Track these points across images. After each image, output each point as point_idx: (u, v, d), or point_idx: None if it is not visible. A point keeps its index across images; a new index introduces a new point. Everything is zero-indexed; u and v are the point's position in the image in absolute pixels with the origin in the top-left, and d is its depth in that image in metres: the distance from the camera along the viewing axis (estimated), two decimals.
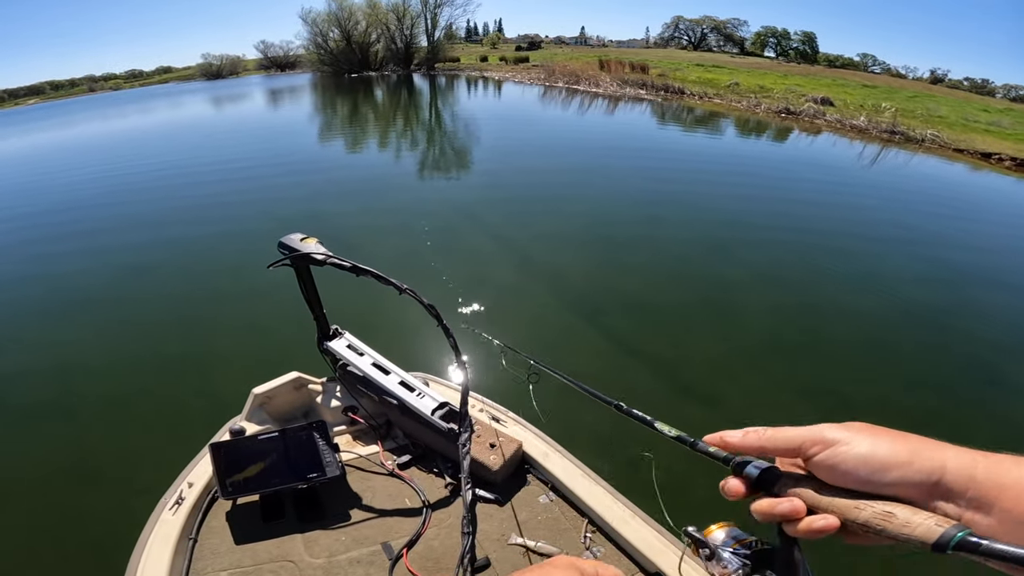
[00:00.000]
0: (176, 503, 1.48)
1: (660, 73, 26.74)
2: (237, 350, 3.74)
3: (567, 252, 5.44)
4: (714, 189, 8.16)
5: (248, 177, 8.95)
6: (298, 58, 54.57)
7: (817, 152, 12.58)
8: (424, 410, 1.69)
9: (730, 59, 45.27)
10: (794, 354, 3.85)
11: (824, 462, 0.44)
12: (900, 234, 6.62)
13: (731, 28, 64.02)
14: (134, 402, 3.23)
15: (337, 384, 1.95)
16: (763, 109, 17.77)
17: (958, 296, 5.02)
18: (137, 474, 2.56)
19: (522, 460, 1.71)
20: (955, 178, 11.11)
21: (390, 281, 1.52)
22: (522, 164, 9.65)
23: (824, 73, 34.99)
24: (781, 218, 6.79)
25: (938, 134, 13.80)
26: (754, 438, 0.49)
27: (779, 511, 0.45)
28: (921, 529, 0.37)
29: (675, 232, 6.14)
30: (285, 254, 1.61)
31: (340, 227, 6.20)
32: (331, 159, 10.92)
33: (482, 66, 42.54)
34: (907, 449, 0.41)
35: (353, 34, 43.24)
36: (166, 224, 6.69)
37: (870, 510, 0.40)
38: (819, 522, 0.42)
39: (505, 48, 62.15)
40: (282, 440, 1.58)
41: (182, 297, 4.65)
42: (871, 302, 4.70)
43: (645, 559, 1.38)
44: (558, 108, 18.65)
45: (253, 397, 1.78)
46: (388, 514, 1.56)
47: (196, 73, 62.54)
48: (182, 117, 22.57)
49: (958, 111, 18.54)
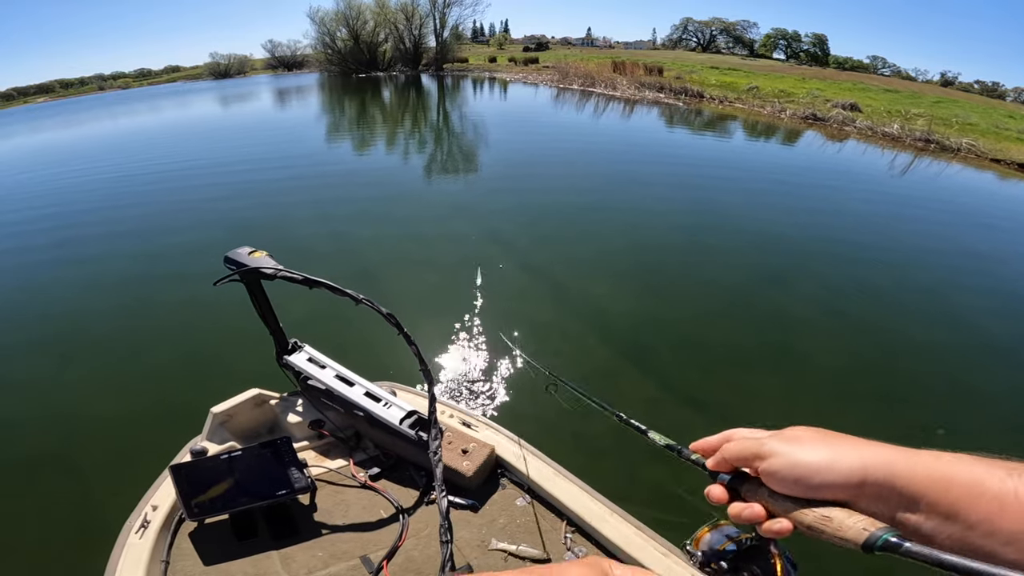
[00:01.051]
0: (142, 526, 1.44)
1: (676, 76, 26.27)
2: (192, 369, 3.56)
3: (604, 278, 4.99)
4: (754, 199, 7.73)
5: (216, 183, 8.56)
6: (305, 58, 54.68)
7: (850, 161, 12.08)
8: (392, 420, 1.68)
9: (741, 61, 44.77)
10: (868, 404, 3.41)
11: (764, 473, 0.47)
12: (969, 262, 6.12)
13: (740, 30, 63.50)
14: (84, 428, 3.07)
15: (300, 398, 1.93)
16: (788, 115, 17.25)
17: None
18: (96, 501, 2.49)
19: (496, 464, 1.70)
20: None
21: (346, 292, 1.48)
22: (545, 172, 9.20)
23: (841, 77, 34.44)
24: (835, 239, 6.31)
25: (974, 143, 13.28)
26: (718, 452, 0.53)
27: (744, 516, 0.48)
28: (852, 532, 0.40)
29: (722, 256, 5.63)
30: (232, 269, 1.57)
31: (354, 244, 5.82)
32: (338, 168, 10.34)
33: (491, 67, 42.14)
34: (827, 453, 0.44)
35: (361, 34, 42.96)
36: (116, 235, 6.29)
37: (812, 515, 0.43)
38: (776, 526, 0.45)
39: (512, 49, 61.82)
40: (245, 458, 1.54)
41: (134, 313, 4.35)
42: (948, 336, 4.27)
43: (627, 556, 1.39)
44: (576, 111, 18.17)
45: (212, 416, 1.74)
46: (364, 527, 1.54)
47: (204, 72, 62.85)
48: (184, 117, 22.23)
49: (988, 119, 18.01)
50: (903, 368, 3.79)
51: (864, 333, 4.23)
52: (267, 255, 1.60)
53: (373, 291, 1.67)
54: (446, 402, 1.91)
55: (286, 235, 6.02)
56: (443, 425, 1.73)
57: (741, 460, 0.51)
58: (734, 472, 0.53)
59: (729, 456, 0.52)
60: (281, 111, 21.99)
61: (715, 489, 0.53)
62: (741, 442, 0.51)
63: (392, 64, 44.36)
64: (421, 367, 1.49)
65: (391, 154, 11.63)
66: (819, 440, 0.46)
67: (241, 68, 60.79)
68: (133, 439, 2.88)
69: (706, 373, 3.61)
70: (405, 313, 1.54)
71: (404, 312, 1.53)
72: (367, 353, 3.41)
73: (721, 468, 0.53)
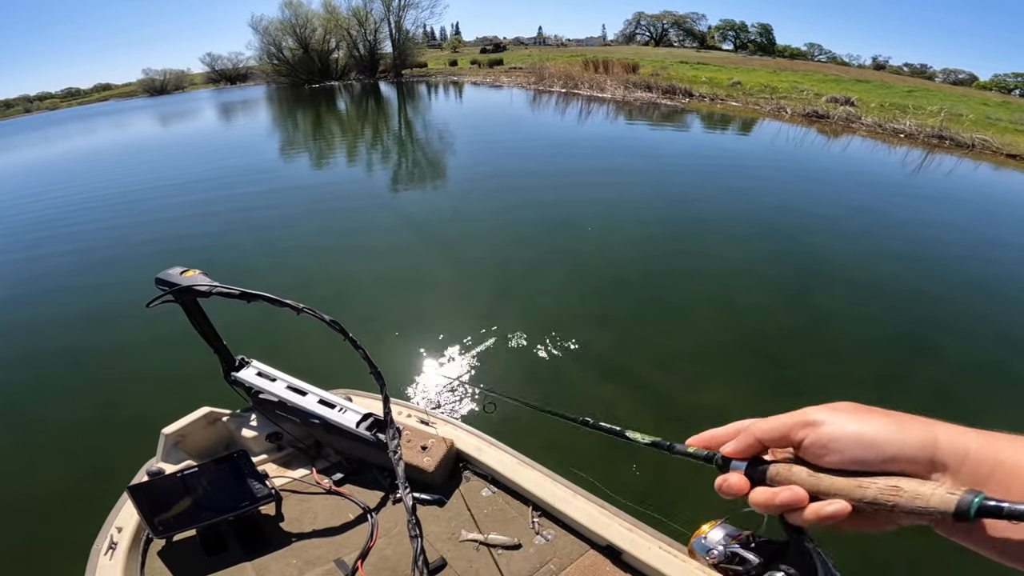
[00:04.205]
0: (110, 547, 1.45)
1: (653, 73, 25.68)
2: (139, 395, 3.54)
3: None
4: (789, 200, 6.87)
5: (152, 205, 8.29)
6: (250, 70, 51.98)
7: (864, 160, 11.60)
8: (348, 424, 1.71)
9: (697, 54, 45.13)
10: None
11: (816, 443, 0.41)
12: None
13: (691, 22, 64.45)
14: (34, 462, 3.03)
15: (254, 413, 1.93)
16: (790, 113, 16.81)
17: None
18: (58, 531, 2.45)
19: (457, 458, 1.77)
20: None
21: (286, 303, 1.49)
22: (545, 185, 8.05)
23: (797, 66, 35.06)
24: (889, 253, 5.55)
25: (987, 138, 13.13)
26: (742, 435, 0.47)
27: (779, 501, 0.42)
28: (936, 499, 0.35)
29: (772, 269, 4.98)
30: (165, 290, 1.57)
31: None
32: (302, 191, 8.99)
33: (454, 71, 40.54)
34: (896, 425, 0.39)
35: (311, 42, 40.52)
36: (46, 268, 6.04)
37: (875, 487, 0.38)
38: (829, 507, 0.39)
39: (468, 52, 60.40)
40: (203, 474, 1.55)
41: (73, 344, 4.27)
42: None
43: (594, 534, 1.47)
44: (573, 117, 16.94)
45: (164, 438, 1.75)
46: (334, 531, 1.57)
47: (138, 89, 59.55)
48: (120, 138, 20.67)
49: (975, 110, 18.23)
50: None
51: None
52: (201, 273, 1.59)
53: (318, 302, 1.69)
54: (402, 402, 1.96)
55: (225, 253, 5.95)
56: (401, 424, 1.78)
57: (777, 436, 0.44)
58: (749, 459, 0.46)
59: (761, 433, 0.45)
60: (227, 127, 20.55)
61: (733, 477, 0.45)
62: (774, 418, 0.45)
63: (347, 72, 42.13)
64: (371, 370, 1.57)
65: (330, 168, 10.98)
66: (878, 412, 0.41)
67: (179, 84, 57.61)
68: (86, 468, 2.87)
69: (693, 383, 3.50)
70: (364, 323, 1.91)
71: (362, 322, 1.85)
72: (319, 363, 3.40)
73: (744, 453, 0.46)
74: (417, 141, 13.83)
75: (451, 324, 4.06)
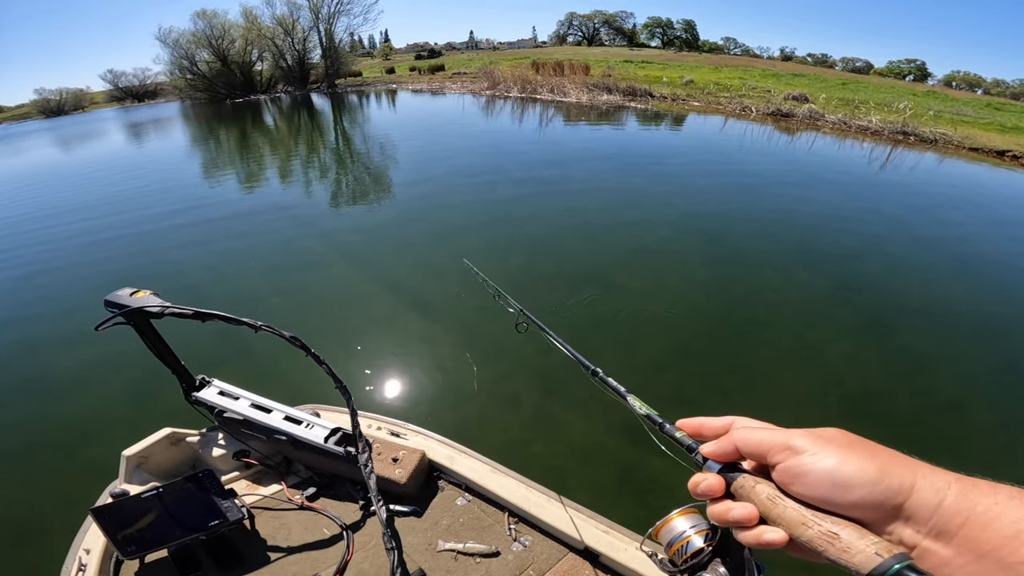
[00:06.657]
0: (79, 570, 1.41)
1: (605, 74, 25.36)
2: (96, 420, 3.35)
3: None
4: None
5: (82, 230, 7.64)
6: (159, 86, 47.25)
7: (836, 157, 11.58)
8: (316, 439, 1.68)
9: (631, 52, 45.88)
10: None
11: (787, 472, 0.41)
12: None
13: (620, 21, 65.78)
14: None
15: (219, 432, 1.89)
16: (755, 111, 16.82)
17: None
18: (28, 554, 2.40)
19: (430, 468, 1.75)
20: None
21: (242, 321, 1.44)
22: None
23: (728, 61, 36.27)
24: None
25: (947, 133, 13.59)
26: (724, 439, 0.46)
27: (732, 517, 0.43)
28: (860, 556, 0.35)
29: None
30: (114, 312, 1.51)
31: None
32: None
33: (392, 78, 38.67)
34: (876, 467, 0.38)
35: (229, 53, 37.13)
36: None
37: (816, 529, 0.38)
38: (768, 535, 0.40)
39: (400, 58, 58.25)
40: (168, 494, 1.51)
41: (23, 373, 4.04)
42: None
43: (571, 538, 1.46)
44: (548, 124, 15.97)
45: (125, 460, 1.71)
46: (309, 547, 1.55)
47: (32, 111, 53.67)
48: (19, 164, 18.23)
49: (915, 102, 19.13)
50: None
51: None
52: (152, 293, 1.54)
53: (276, 319, 1.57)
54: (371, 415, 1.93)
55: (170, 274, 5.68)
56: (371, 437, 1.75)
57: (758, 451, 0.43)
58: (727, 463, 0.46)
59: (744, 444, 0.45)
60: (138, 148, 18.31)
61: (711, 479, 0.46)
62: (761, 432, 0.44)
63: (273, 85, 39.08)
64: (336, 385, 1.50)
65: (265, 186, 9.78)
66: (863, 449, 0.40)
67: (78, 103, 52.00)
68: (45, 494, 2.77)
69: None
70: (324, 338, 1.83)
71: (323, 337, 1.78)
72: (284, 380, 3.38)
73: (722, 459, 0.46)
74: (359, 157, 12.46)
75: (413, 334, 4.06)
